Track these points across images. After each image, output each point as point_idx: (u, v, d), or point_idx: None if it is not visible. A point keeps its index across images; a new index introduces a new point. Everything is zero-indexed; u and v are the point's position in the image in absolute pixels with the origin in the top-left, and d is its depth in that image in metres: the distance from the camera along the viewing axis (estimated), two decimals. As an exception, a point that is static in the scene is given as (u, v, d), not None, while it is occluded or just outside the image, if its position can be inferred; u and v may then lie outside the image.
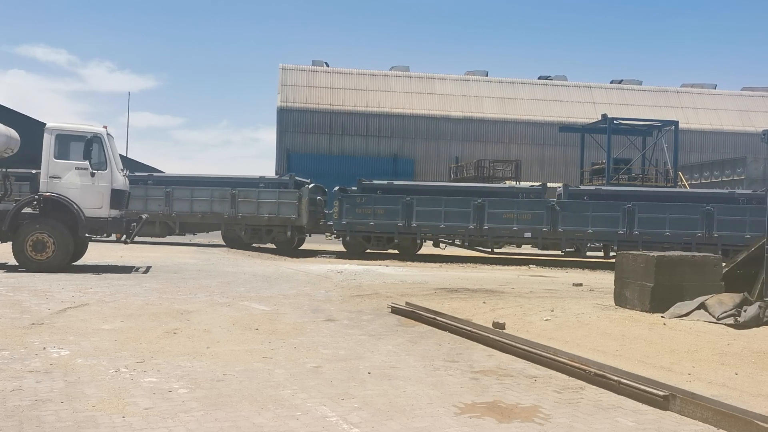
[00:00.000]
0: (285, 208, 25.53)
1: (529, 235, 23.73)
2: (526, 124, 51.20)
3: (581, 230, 23.45)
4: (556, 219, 23.42)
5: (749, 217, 22.86)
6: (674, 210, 23.31)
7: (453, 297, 12.08)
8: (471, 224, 23.55)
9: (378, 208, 23.82)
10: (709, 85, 57.06)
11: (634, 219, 23.18)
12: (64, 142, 14.60)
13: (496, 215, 23.64)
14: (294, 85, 51.04)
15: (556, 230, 23.41)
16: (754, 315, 8.49)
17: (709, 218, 22.96)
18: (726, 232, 22.87)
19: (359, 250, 24.48)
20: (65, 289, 11.31)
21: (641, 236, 23.11)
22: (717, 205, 23.16)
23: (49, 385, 5.38)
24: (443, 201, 23.87)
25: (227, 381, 5.67)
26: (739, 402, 5.27)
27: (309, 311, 9.95)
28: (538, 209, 23.64)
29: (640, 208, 23.26)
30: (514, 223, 23.59)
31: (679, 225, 23.11)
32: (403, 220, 23.65)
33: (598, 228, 23.40)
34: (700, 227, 23.02)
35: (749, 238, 22.38)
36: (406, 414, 4.89)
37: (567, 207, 23.71)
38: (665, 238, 22.98)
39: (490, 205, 23.65)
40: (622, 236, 23.28)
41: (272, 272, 16.35)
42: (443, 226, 23.77)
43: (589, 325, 8.72)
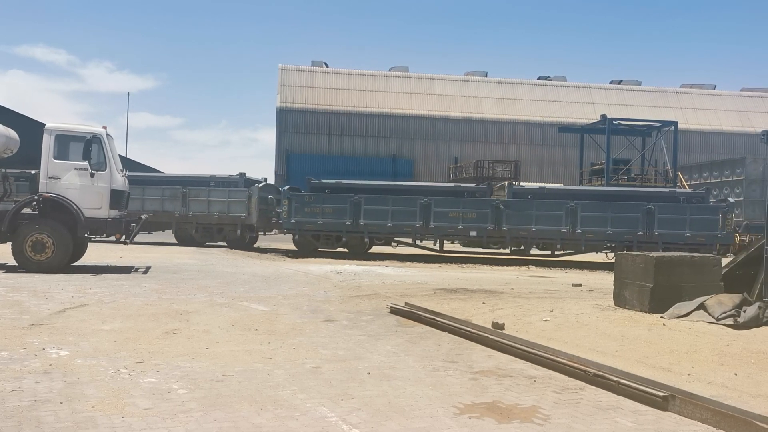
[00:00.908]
0: (235, 207, 26.09)
1: (475, 233, 24.08)
2: (525, 124, 51.20)
3: (525, 229, 23.74)
4: (501, 218, 23.72)
5: (689, 215, 23.27)
6: (616, 209, 23.57)
7: (452, 297, 12.08)
8: (417, 223, 23.84)
9: (326, 207, 24.08)
10: (708, 86, 57.09)
11: (577, 218, 23.44)
12: (63, 142, 14.60)
13: (442, 214, 23.97)
14: (293, 86, 51.05)
15: (501, 229, 23.74)
16: (754, 315, 8.49)
17: (650, 217, 23.24)
18: (666, 230, 23.19)
19: (309, 249, 24.84)
20: (64, 290, 11.31)
21: (584, 234, 23.46)
22: (658, 204, 23.49)
23: (49, 385, 5.38)
24: (390, 200, 24.17)
25: (226, 381, 5.67)
26: (738, 402, 5.27)
27: (308, 312, 9.95)
28: (483, 208, 23.96)
29: (582, 207, 23.53)
30: (460, 221, 23.91)
31: (621, 223, 23.40)
32: (351, 219, 23.89)
33: (542, 227, 23.70)
34: (641, 226, 23.29)
35: (689, 237, 22.95)
36: (405, 414, 4.89)
37: (511, 206, 24.00)
38: (607, 237, 23.42)
39: (435, 203, 23.96)
40: (565, 235, 23.59)
41: (271, 273, 16.34)
42: (390, 224, 24.06)
43: (588, 326, 8.72)
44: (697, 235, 23.04)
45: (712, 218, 23.19)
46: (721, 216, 23.10)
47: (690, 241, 22.93)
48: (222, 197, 26.02)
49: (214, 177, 27.76)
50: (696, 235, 23.04)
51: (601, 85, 55.46)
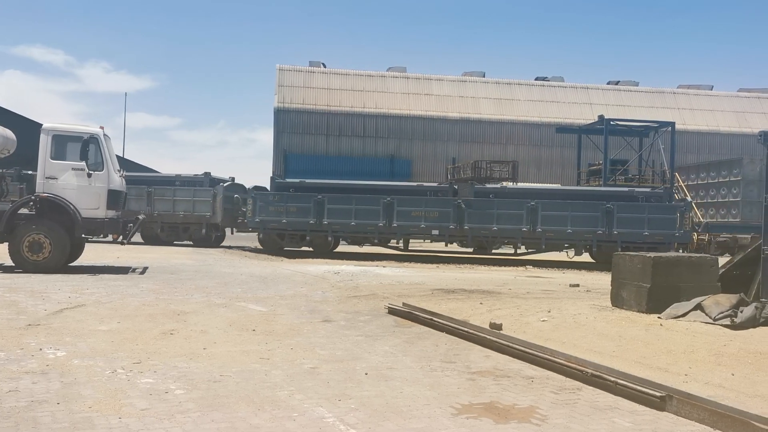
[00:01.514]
0: (200, 206, 26.49)
1: (437, 232, 24.28)
2: (523, 125, 51.20)
3: (487, 228, 23.93)
4: (462, 217, 23.88)
5: (648, 214, 23.47)
6: (576, 208, 23.74)
7: (450, 298, 12.09)
8: (380, 222, 24.00)
9: (291, 206, 24.22)
10: (705, 87, 57.12)
11: (537, 217, 23.58)
12: (60, 142, 14.59)
13: (405, 213, 24.14)
14: (291, 86, 51.00)
15: (463, 228, 23.91)
16: (751, 316, 8.50)
17: (609, 216, 23.38)
18: (625, 229, 23.32)
19: (275, 247, 25.01)
20: (61, 290, 11.29)
21: (544, 233, 23.62)
22: (617, 203, 23.65)
23: (46, 386, 5.37)
24: (354, 199, 24.33)
25: (224, 382, 5.66)
26: (735, 403, 5.27)
27: (306, 312, 9.94)
28: (445, 207, 24.13)
29: (543, 206, 23.67)
30: (422, 220, 24.11)
31: (581, 222, 23.56)
32: (315, 218, 24.04)
33: (503, 225, 23.87)
34: (600, 225, 23.43)
35: (648, 236, 23.14)
36: (403, 415, 4.89)
37: (473, 205, 24.18)
38: (567, 236, 23.64)
39: (398, 203, 24.11)
40: (525, 234, 23.76)
41: (269, 273, 16.34)
42: (354, 223, 24.21)
43: (585, 326, 8.73)
44: (655, 234, 23.30)
45: (670, 217, 23.42)
46: (679, 215, 23.36)
47: (648, 240, 23.25)
48: (187, 196, 26.33)
49: (179, 176, 28.03)
50: (654, 234, 23.30)
51: (598, 85, 55.48)
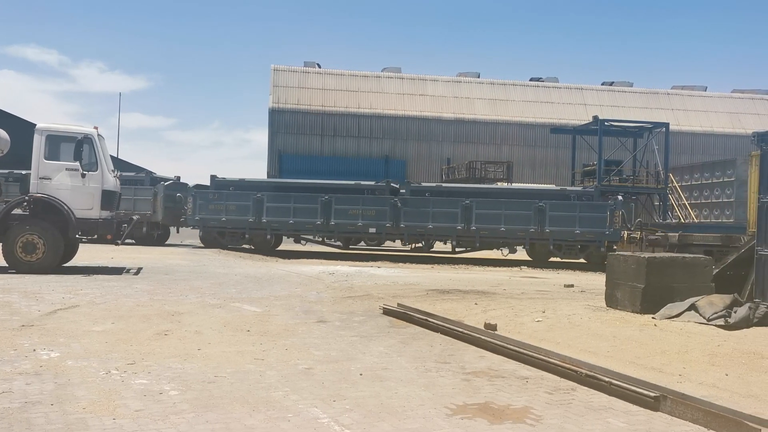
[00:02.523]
0: (141, 205, 26.70)
1: (374, 230, 24.58)
2: (517, 125, 51.26)
3: (422, 226, 24.23)
4: (399, 215, 24.18)
5: (579, 213, 23.88)
6: (509, 206, 24.11)
7: (445, 298, 12.09)
8: (318, 220, 24.26)
9: (230, 204, 24.42)
10: (699, 87, 57.30)
11: (472, 215, 23.88)
12: (54, 142, 14.54)
13: (343, 211, 24.42)
14: (286, 86, 50.96)
15: (399, 226, 24.21)
16: (744, 316, 8.54)
17: (542, 214, 23.75)
18: (557, 227, 23.72)
19: (216, 245, 25.19)
20: (55, 291, 11.25)
21: (478, 231, 23.96)
22: (549, 202, 24.02)
23: (39, 387, 5.35)
24: (292, 197, 24.60)
25: (218, 383, 5.65)
26: (729, 403, 5.29)
27: (300, 312, 9.93)
28: (381, 206, 24.42)
29: (477, 205, 24.02)
30: (359, 218, 24.38)
31: (514, 221, 23.91)
32: (254, 216, 24.25)
33: (439, 223, 24.18)
34: (533, 223, 23.78)
35: (578, 234, 23.60)
36: (397, 415, 4.88)
37: (409, 203, 24.46)
38: (501, 234, 24.02)
39: (336, 201, 24.39)
40: (460, 231, 24.09)
41: (263, 273, 16.32)
42: (292, 222, 24.48)
43: (580, 327, 8.75)
44: (586, 232, 23.70)
45: (601, 216, 23.78)
46: (609, 214, 23.69)
47: (579, 238, 23.71)
48: (128, 195, 26.35)
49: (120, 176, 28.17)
50: (585, 232, 23.70)
51: (593, 86, 55.58)
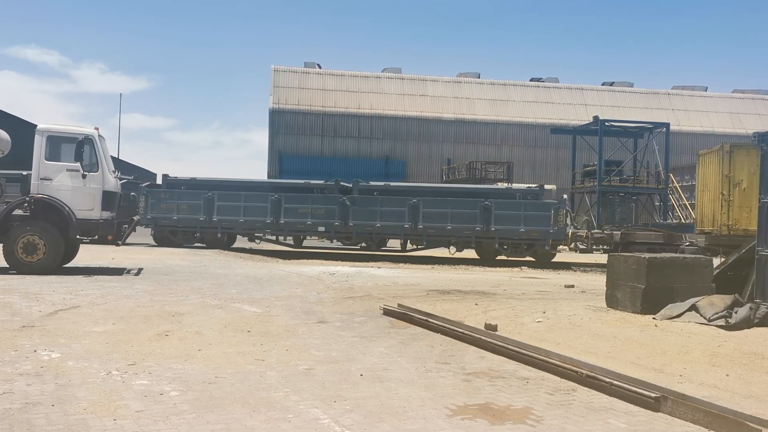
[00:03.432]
0: None
1: (323, 229, 24.77)
2: (517, 125, 51.29)
3: (371, 224, 24.40)
4: (347, 214, 24.33)
5: (524, 212, 24.00)
6: (455, 205, 24.28)
7: (445, 299, 12.09)
8: (269, 219, 24.41)
9: (181, 203, 24.56)
10: (699, 88, 57.33)
11: (419, 214, 24.02)
12: (55, 143, 14.53)
13: (292, 210, 24.60)
14: (286, 87, 51.00)
15: (347, 224, 24.36)
16: (745, 316, 8.53)
17: (487, 213, 23.91)
18: (502, 226, 23.87)
19: (168, 244, 25.36)
20: (56, 292, 11.25)
21: (425, 230, 24.15)
22: (495, 201, 24.23)
23: (40, 388, 5.35)
24: (242, 196, 24.71)
25: (219, 383, 5.65)
26: (730, 403, 5.29)
27: (301, 313, 9.93)
28: (330, 204, 24.61)
29: (424, 203, 24.15)
30: (309, 217, 24.61)
31: (460, 219, 24.05)
32: (205, 215, 24.41)
33: (386, 222, 24.33)
34: (479, 221, 23.92)
35: (523, 232, 23.82)
36: (398, 416, 4.88)
37: (357, 202, 24.65)
38: (447, 232, 24.16)
39: (286, 200, 24.55)
40: (407, 230, 24.29)
41: (264, 274, 16.32)
42: (242, 220, 24.63)
43: (580, 327, 8.74)
44: (531, 230, 23.86)
45: (545, 214, 23.93)
46: (553, 212, 23.87)
47: (524, 236, 23.89)
48: None
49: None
50: (530, 230, 23.86)
51: (593, 86, 55.62)
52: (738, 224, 21.39)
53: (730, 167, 21.55)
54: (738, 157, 21.59)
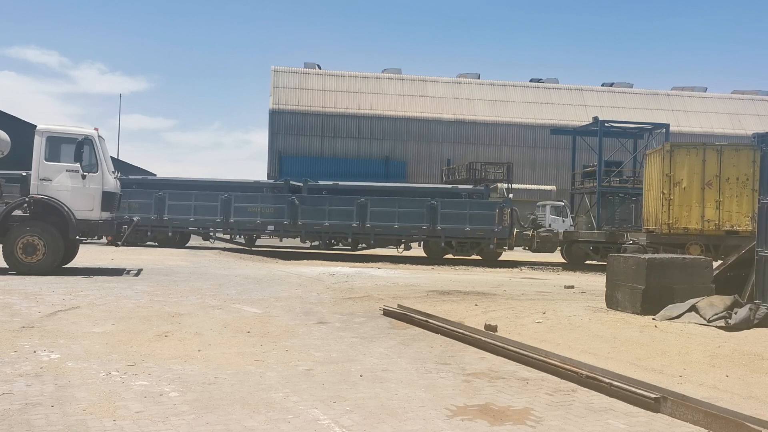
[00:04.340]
0: None
1: (272, 228, 25.12)
2: (517, 126, 51.30)
3: (319, 223, 24.80)
4: (296, 213, 24.67)
5: (469, 211, 24.51)
6: (403, 204, 24.70)
7: (445, 299, 12.09)
8: (219, 218, 24.76)
9: (133, 202, 24.67)
10: (699, 88, 57.35)
11: (367, 213, 24.41)
12: (54, 144, 14.53)
13: (242, 209, 24.93)
14: (286, 88, 51.00)
15: (296, 223, 24.71)
16: (745, 317, 8.53)
17: (433, 212, 24.31)
18: (448, 225, 24.32)
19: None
20: (55, 292, 11.25)
21: (373, 229, 24.55)
22: (441, 200, 24.63)
23: (40, 388, 5.35)
24: (193, 195, 25.04)
25: (218, 384, 5.65)
26: (729, 404, 5.29)
27: (301, 314, 9.93)
28: (279, 203, 24.93)
29: (372, 203, 24.56)
30: (258, 216, 24.96)
31: (408, 218, 24.47)
32: (156, 214, 24.77)
33: (335, 221, 24.74)
34: (426, 220, 24.33)
35: (469, 231, 24.33)
36: (398, 417, 4.88)
37: (306, 201, 25.03)
38: (395, 231, 24.62)
39: (236, 199, 24.87)
40: (355, 229, 24.67)
41: (264, 275, 16.32)
42: (193, 219, 24.98)
43: (580, 328, 8.74)
44: (476, 229, 24.31)
45: (490, 213, 24.39)
46: (498, 212, 24.30)
47: (470, 235, 24.36)
48: None
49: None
50: (475, 229, 24.31)
51: (593, 87, 55.63)
52: (678, 223, 21.67)
53: (670, 167, 21.80)
54: (678, 157, 21.85)
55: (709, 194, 21.60)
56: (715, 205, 21.57)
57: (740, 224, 21.55)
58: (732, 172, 21.60)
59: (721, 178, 21.60)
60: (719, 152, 21.72)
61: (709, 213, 21.59)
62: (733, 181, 21.61)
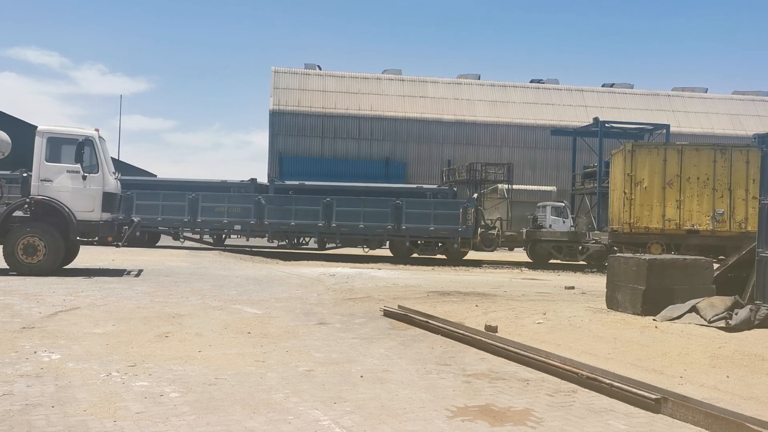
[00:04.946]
0: None
1: (239, 227, 25.38)
2: (518, 127, 51.28)
3: (286, 223, 25.02)
4: (263, 212, 24.88)
5: (433, 210, 24.78)
6: (368, 204, 24.93)
7: (445, 300, 12.09)
8: (186, 217, 25.01)
9: None
10: (700, 89, 57.32)
11: (332, 212, 24.66)
12: (55, 145, 14.54)
13: (210, 208, 25.14)
14: (286, 88, 50.98)
15: (263, 223, 24.92)
16: (745, 318, 8.53)
17: (398, 212, 24.59)
18: (413, 224, 24.60)
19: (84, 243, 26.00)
20: (56, 293, 11.25)
21: (339, 228, 24.83)
22: (406, 200, 24.88)
23: (40, 389, 5.35)
24: (161, 195, 25.28)
25: (219, 385, 5.65)
26: (730, 405, 5.29)
27: (301, 314, 9.93)
28: (246, 203, 25.15)
29: (338, 202, 24.81)
30: (225, 215, 25.18)
31: (373, 218, 24.72)
32: (124, 214, 24.98)
33: (301, 221, 24.97)
34: (390, 220, 24.59)
35: (433, 230, 24.65)
36: (398, 417, 4.88)
37: (273, 201, 25.28)
38: (360, 231, 24.86)
39: (203, 198, 25.09)
40: (321, 228, 24.92)
41: (264, 275, 16.32)
42: (161, 219, 25.22)
43: (581, 328, 8.74)
44: (440, 228, 24.61)
45: (454, 213, 24.60)
46: (462, 211, 24.49)
47: (434, 234, 24.67)
48: None
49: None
50: (439, 228, 24.60)
51: (593, 88, 55.60)
52: (639, 222, 21.82)
53: (632, 166, 21.92)
54: (639, 157, 21.99)
55: (670, 194, 21.80)
56: (676, 205, 21.77)
57: (701, 223, 21.78)
58: (693, 171, 21.81)
59: (681, 178, 21.82)
60: (680, 152, 21.94)
61: (670, 212, 21.78)
62: (693, 180, 21.82)
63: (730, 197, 21.63)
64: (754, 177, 21.19)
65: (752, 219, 21.19)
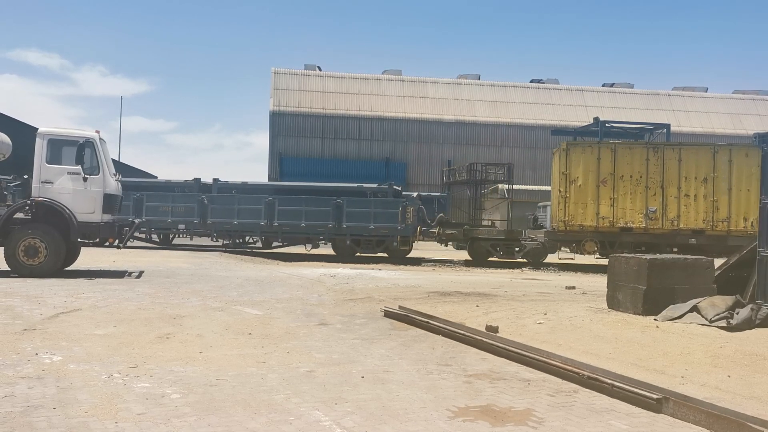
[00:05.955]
0: None
1: (183, 226, 25.57)
2: (518, 127, 51.29)
3: (229, 222, 25.20)
4: (206, 211, 25.06)
5: (374, 209, 25.07)
6: (309, 203, 25.18)
7: (446, 300, 12.09)
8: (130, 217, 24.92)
9: None
10: (700, 88, 57.30)
11: (274, 211, 24.81)
12: (56, 146, 14.55)
13: (154, 208, 25.30)
14: (286, 89, 51.01)
15: (206, 222, 25.12)
16: (747, 317, 8.52)
17: (339, 210, 24.79)
18: (354, 223, 24.83)
19: None
20: (57, 295, 11.26)
21: (281, 227, 25.04)
22: (347, 199, 25.07)
23: (42, 391, 5.35)
24: None
25: (220, 386, 5.65)
26: (731, 404, 5.29)
27: (302, 315, 9.94)
28: (190, 203, 25.35)
29: (280, 201, 25.01)
30: (170, 215, 25.40)
31: (314, 217, 24.94)
32: None
33: (244, 220, 25.17)
34: (332, 219, 24.81)
35: (373, 229, 24.90)
36: (399, 418, 4.88)
37: (215, 200, 25.47)
38: (301, 229, 25.06)
39: (148, 198, 25.26)
40: (264, 227, 25.12)
41: (265, 276, 16.32)
42: None
43: (582, 328, 8.74)
44: (380, 227, 24.83)
45: (394, 212, 24.85)
46: (401, 210, 24.74)
47: (374, 233, 24.86)
48: None
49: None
50: (379, 227, 24.81)
51: (593, 87, 55.60)
52: (574, 220, 21.91)
53: (567, 165, 22.00)
54: (574, 155, 22.12)
55: (604, 192, 21.95)
56: (609, 203, 21.91)
57: (634, 221, 21.92)
58: (626, 170, 21.95)
59: (615, 176, 21.96)
60: (614, 150, 22.11)
61: (603, 210, 21.92)
62: (627, 178, 21.97)
63: (662, 195, 21.82)
64: (686, 174, 21.73)
65: (684, 216, 21.64)
